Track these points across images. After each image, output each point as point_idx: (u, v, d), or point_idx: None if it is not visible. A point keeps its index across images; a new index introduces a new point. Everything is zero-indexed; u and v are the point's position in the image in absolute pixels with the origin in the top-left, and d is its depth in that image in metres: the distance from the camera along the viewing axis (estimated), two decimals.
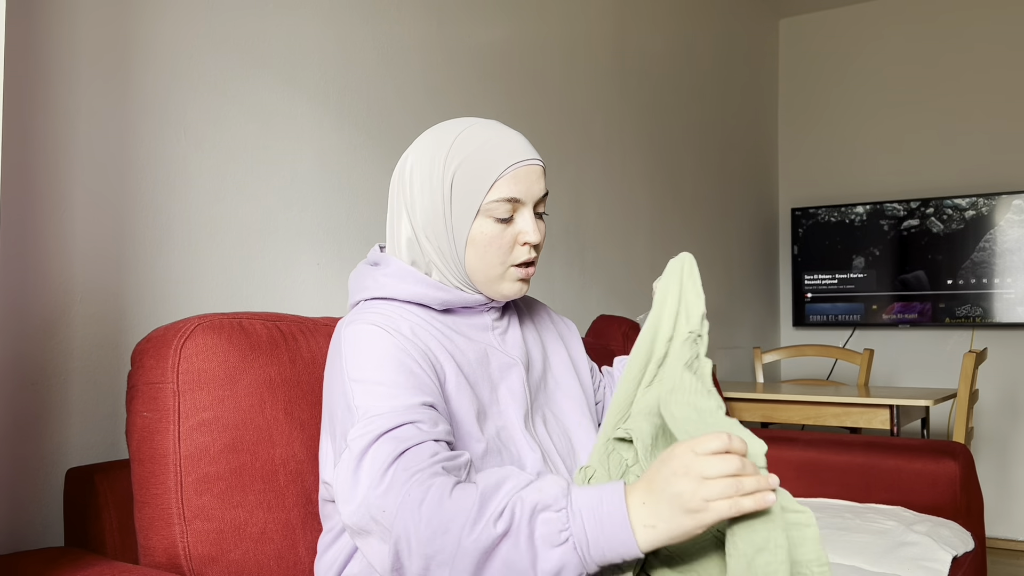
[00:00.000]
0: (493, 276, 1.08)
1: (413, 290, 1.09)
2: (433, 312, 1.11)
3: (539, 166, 1.08)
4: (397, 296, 1.09)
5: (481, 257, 1.06)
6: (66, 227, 1.33)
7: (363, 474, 0.91)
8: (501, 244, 1.06)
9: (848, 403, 2.70)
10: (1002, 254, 3.78)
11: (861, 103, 4.26)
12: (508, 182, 1.04)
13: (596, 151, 2.85)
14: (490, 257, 1.06)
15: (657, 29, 3.25)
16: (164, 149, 1.49)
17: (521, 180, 1.05)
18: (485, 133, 1.07)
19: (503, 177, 1.04)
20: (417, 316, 1.08)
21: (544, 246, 2.54)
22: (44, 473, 1.30)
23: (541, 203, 1.09)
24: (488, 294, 1.10)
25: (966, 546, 1.87)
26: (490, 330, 1.14)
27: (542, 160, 1.11)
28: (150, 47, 1.47)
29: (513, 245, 1.07)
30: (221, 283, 1.58)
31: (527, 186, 1.06)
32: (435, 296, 1.09)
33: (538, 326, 1.24)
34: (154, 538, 1.12)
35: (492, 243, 1.05)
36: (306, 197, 1.77)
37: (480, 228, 1.05)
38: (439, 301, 1.09)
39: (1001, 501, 3.84)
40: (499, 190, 1.04)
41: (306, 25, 1.78)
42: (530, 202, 1.07)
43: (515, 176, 1.05)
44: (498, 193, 1.04)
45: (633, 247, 3.06)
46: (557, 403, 1.18)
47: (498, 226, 1.05)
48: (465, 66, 2.25)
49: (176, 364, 1.15)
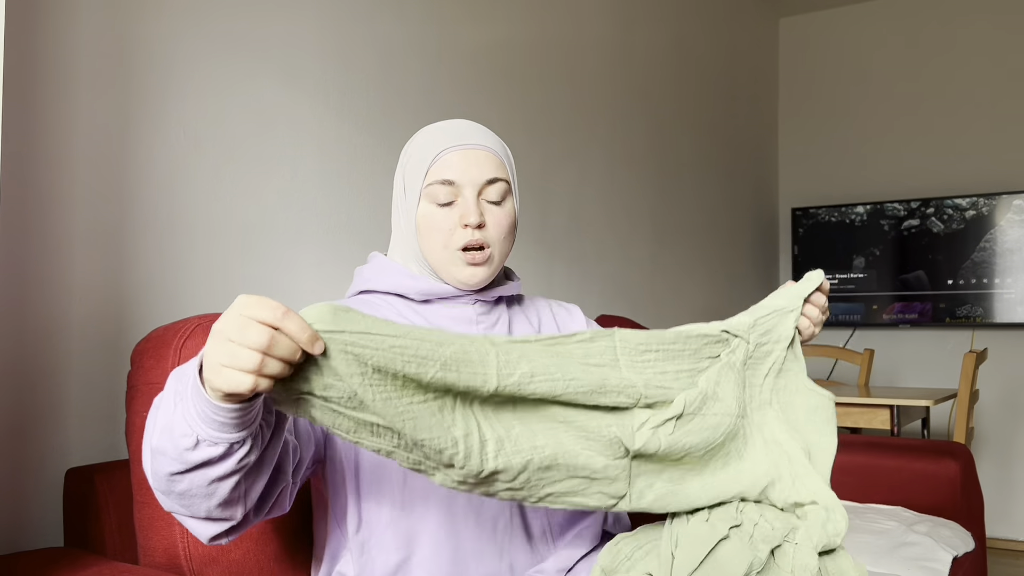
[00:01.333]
0: (442, 260, 1.10)
1: (391, 281, 1.13)
2: (413, 303, 1.13)
3: (481, 150, 1.09)
4: (377, 288, 1.14)
5: (426, 240, 1.09)
6: (66, 227, 1.33)
7: None
8: (442, 227, 1.08)
9: (848, 403, 2.70)
10: (1002, 254, 3.77)
11: (861, 103, 4.26)
12: (443, 165, 1.07)
13: (596, 151, 2.85)
14: (433, 240, 1.09)
15: (657, 29, 3.25)
16: (164, 149, 1.49)
17: (457, 163, 1.07)
18: (438, 125, 1.12)
19: (438, 160, 1.07)
20: (393, 307, 1.12)
21: (543, 244, 2.54)
22: (44, 473, 1.30)
23: (492, 188, 1.09)
24: (448, 281, 1.12)
25: (966, 546, 1.87)
26: (474, 323, 1.14)
27: (489, 146, 1.10)
28: (150, 47, 1.47)
29: (455, 228, 1.08)
30: (221, 283, 1.58)
31: (463, 168, 1.07)
32: (411, 285, 1.12)
33: (536, 322, 1.24)
34: (154, 538, 1.12)
35: (432, 226, 1.08)
36: (306, 197, 1.77)
37: (423, 211, 1.09)
38: (416, 291, 1.12)
39: (1001, 501, 3.84)
40: (435, 172, 1.07)
41: (306, 25, 1.77)
42: (469, 185, 1.08)
43: (451, 159, 1.07)
44: (434, 175, 1.07)
45: (633, 247, 3.06)
46: None
47: (439, 210, 1.08)
48: (465, 66, 2.24)
49: (176, 364, 1.15)
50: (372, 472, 1.04)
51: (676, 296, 3.35)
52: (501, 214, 1.10)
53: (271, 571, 1.18)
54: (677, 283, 3.36)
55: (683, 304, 3.40)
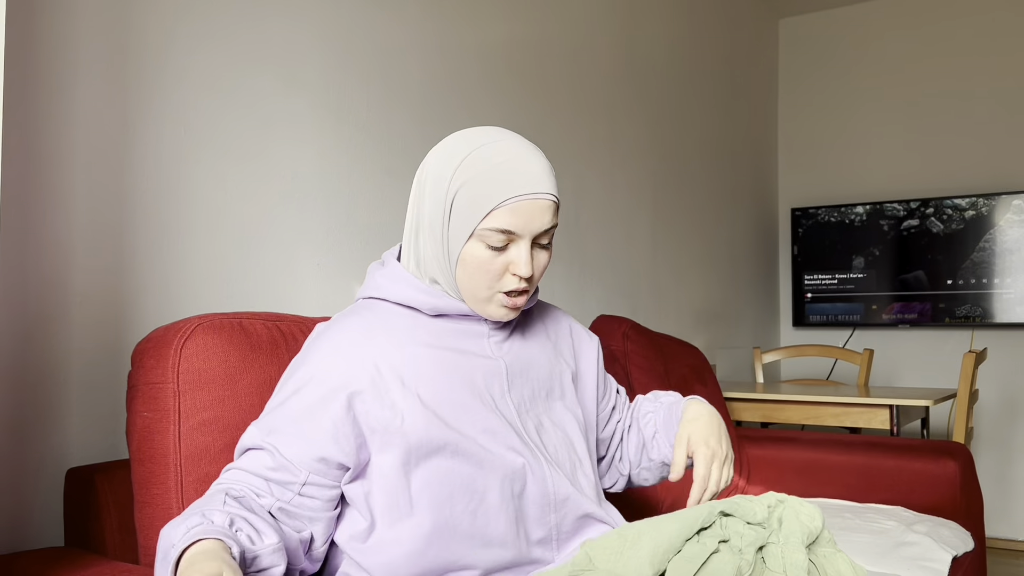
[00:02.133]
0: (480, 298, 1.08)
1: (405, 293, 1.10)
2: (422, 316, 1.11)
3: (547, 200, 1.04)
4: (388, 297, 1.12)
5: (469, 278, 1.06)
6: (66, 227, 1.33)
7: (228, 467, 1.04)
8: (490, 270, 1.05)
9: (848, 403, 2.70)
10: (1002, 254, 3.78)
11: (861, 103, 4.26)
12: (506, 213, 1.02)
13: (596, 150, 2.85)
14: (477, 280, 1.06)
15: (657, 29, 3.26)
16: (164, 149, 1.49)
17: (521, 213, 1.02)
18: (501, 156, 1.03)
19: (502, 207, 1.02)
20: (402, 320, 1.10)
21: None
22: (44, 473, 1.30)
23: (545, 235, 1.07)
24: (477, 312, 1.10)
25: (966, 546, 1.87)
26: (486, 337, 1.13)
27: (555, 195, 1.05)
28: (150, 47, 1.47)
29: (503, 273, 1.05)
30: (221, 283, 1.58)
31: (526, 220, 1.03)
32: (425, 301, 1.10)
33: (553, 336, 1.23)
34: (154, 538, 1.12)
35: (481, 268, 1.04)
36: (306, 197, 1.77)
37: (471, 251, 1.04)
38: (430, 307, 1.10)
39: (1001, 501, 3.84)
40: (495, 219, 1.02)
41: (306, 25, 1.78)
42: (527, 236, 1.04)
43: (516, 208, 1.02)
44: (494, 222, 1.02)
45: (633, 246, 3.06)
46: (557, 413, 1.17)
47: (490, 252, 1.04)
48: (466, 66, 2.25)
49: (176, 364, 1.15)
50: (384, 498, 1.05)
51: (676, 296, 3.35)
52: (546, 256, 1.09)
53: None
54: (677, 283, 3.36)
55: (683, 304, 3.40)
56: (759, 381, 3.56)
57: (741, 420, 2.94)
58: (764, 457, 2.38)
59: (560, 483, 1.09)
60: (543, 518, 1.08)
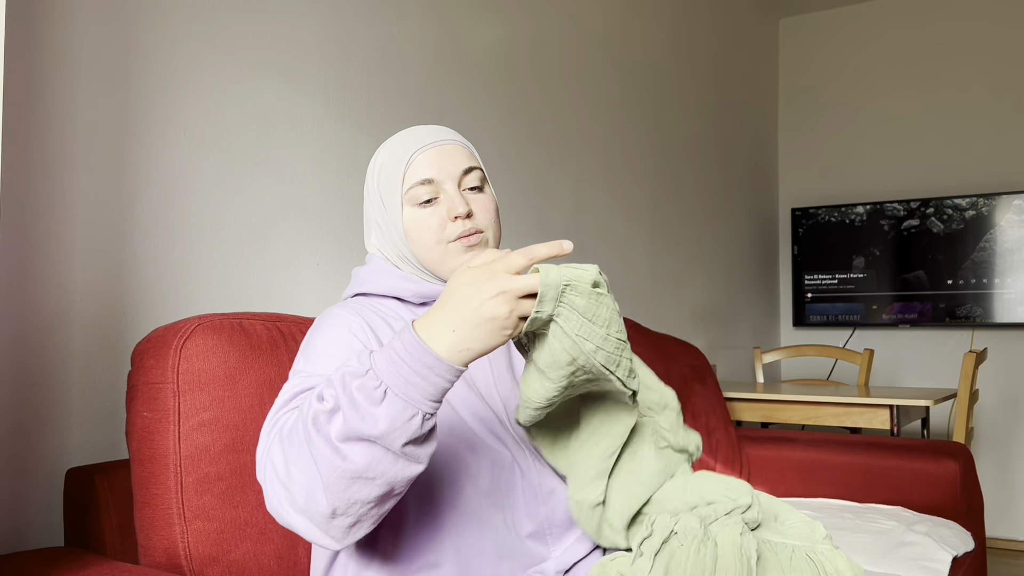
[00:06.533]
0: (438, 256, 1.09)
1: (388, 283, 1.13)
2: (410, 306, 1.13)
3: (449, 145, 1.10)
4: (374, 291, 1.13)
5: (417, 243, 1.09)
6: (66, 227, 1.33)
7: (268, 422, 0.93)
8: (431, 225, 1.08)
9: (848, 403, 2.70)
10: (1002, 254, 3.78)
11: (861, 103, 4.26)
12: (418, 166, 1.08)
13: (596, 150, 2.85)
14: (425, 240, 1.09)
15: (657, 29, 3.26)
16: (164, 149, 1.49)
17: (431, 161, 1.09)
18: (403, 133, 1.13)
19: (412, 163, 1.09)
20: (392, 310, 1.12)
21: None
22: (44, 473, 1.30)
23: (469, 177, 1.10)
24: (444, 278, 1.11)
25: (966, 546, 1.87)
26: None
27: (458, 140, 1.12)
28: (150, 47, 1.47)
29: (444, 224, 1.08)
30: (221, 283, 1.58)
31: (438, 164, 1.09)
32: (407, 288, 1.12)
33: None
34: (154, 538, 1.12)
35: (422, 227, 1.08)
36: (306, 197, 1.77)
37: (409, 217, 1.09)
38: (412, 293, 1.12)
39: (1001, 501, 3.84)
40: (411, 176, 1.09)
41: (306, 25, 1.78)
42: (448, 179, 1.09)
43: (424, 159, 1.09)
44: (411, 179, 1.08)
45: (633, 246, 3.06)
46: None
47: (423, 210, 1.08)
48: (465, 66, 2.25)
49: (176, 364, 1.15)
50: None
51: (676, 296, 3.35)
52: (485, 199, 1.12)
53: (271, 571, 1.18)
54: (677, 283, 3.36)
55: (683, 304, 3.40)
56: (759, 381, 3.56)
57: (741, 420, 2.94)
58: (764, 457, 2.38)
59: (545, 476, 1.10)
60: (532, 511, 1.09)
